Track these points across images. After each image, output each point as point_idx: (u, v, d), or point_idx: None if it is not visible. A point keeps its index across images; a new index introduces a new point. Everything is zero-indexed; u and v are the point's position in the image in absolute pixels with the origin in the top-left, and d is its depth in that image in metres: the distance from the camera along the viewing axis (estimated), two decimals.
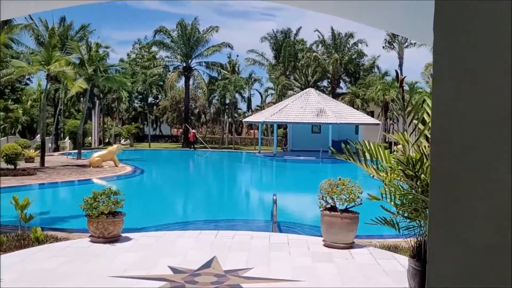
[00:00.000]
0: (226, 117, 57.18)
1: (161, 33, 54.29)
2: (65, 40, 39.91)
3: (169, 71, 57.19)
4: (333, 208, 8.70)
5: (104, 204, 8.60)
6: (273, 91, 56.23)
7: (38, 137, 43.03)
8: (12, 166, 26.05)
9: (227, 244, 8.96)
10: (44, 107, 31.88)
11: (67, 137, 52.18)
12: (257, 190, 24.12)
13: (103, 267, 7.29)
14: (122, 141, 57.97)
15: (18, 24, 35.60)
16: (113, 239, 8.76)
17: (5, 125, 46.48)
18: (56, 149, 47.21)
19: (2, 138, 40.19)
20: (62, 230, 10.74)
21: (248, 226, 12.52)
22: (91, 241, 8.77)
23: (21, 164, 27.97)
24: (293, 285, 6.65)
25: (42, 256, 7.97)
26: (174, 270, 7.21)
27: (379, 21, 5.71)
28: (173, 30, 54.52)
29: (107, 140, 58.11)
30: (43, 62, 29.00)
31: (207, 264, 7.54)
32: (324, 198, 8.82)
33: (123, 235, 9.22)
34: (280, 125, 46.79)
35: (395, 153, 7.09)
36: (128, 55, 61.95)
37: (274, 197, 11.10)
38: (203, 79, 54.91)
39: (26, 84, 57.23)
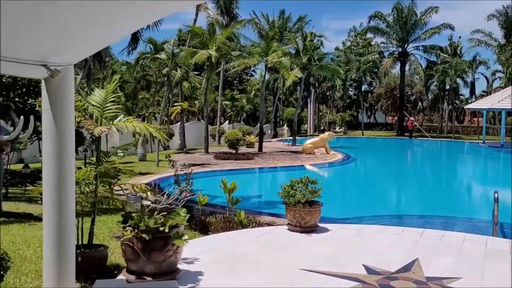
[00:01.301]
0: (445, 104, 53.14)
1: (376, 18, 52.97)
2: (283, 31, 41.78)
3: (384, 57, 55.59)
4: None
5: (301, 193, 8.45)
6: (501, 74, 50.16)
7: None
8: (234, 151, 28.35)
9: (433, 245, 7.99)
10: (263, 96, 33.90)
11: (285, 125, 55.01)
12: (477, 185, 21.66)
13: (296, 258, 7.13)
14: (337, 129, 58.66)
15: (242, 19, 38.53)
16: (310, 229, 8.57)
17: (232, 113, 51.13)
18: (275, 135, 50.15)
19: (228, 125, 44.26)
20: (266, 214, 11.04)
21: (462, 226, 11.11)
22: (288, 229, 8.74)
23: (242, 149, 30.28)
24: None
25: (241, 240, 8.21)
26: (369, 270, 6.63)
27: None
28: (389, 15, 52.68)
29: (322, 128, 59.46)
30: (262, 54, 30.79)
31: (407, 267, 6.77)
32: None
33: (321, 225, 8.97)
34: (510, 113, 41.41)
35: None
36: (343, 43, 62.21)
37: (496, 195, 9.57)
38: (420, 64, 51.99)
39: (251, 75, 62.12)
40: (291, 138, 38.25)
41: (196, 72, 39.42)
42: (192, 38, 31.44)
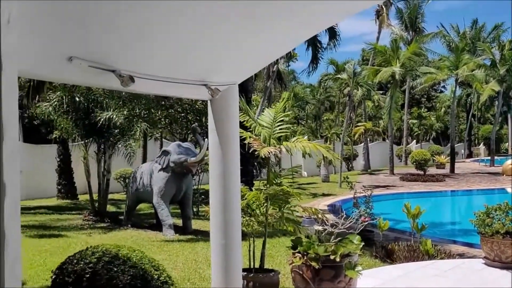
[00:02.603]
0: None
1: None
2: (476, 42, 38.33)
3: None
4: None
5: (499, 222, 7.21)
6: None
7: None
8: (422, 172, 26.56)
9: None
10: (454, 113, 31.37)
11: (481, 143, 50.14)
12: None
13: None
14: None
15: (429, 33, 36.43)
16: None
17: (419, 132, 48.42)
18: (469, 155, 46.02)
19: (416, 145, 41.96)
20: (457, 244, 9.80)
21: None
22: (484, 263, 7.51)
23: (431, 170, 28.25)
24: None
25: (427, 273, 7.28)
26: None
27: None
28: None
29: None
30: (451, 67, 28.57)
31: None
32: None
33: None
34: None
35: None
36: None
37: None
38: None
39: (441, 92, 58.36)
40: (489, 158, 34.54)
41: (381, 92, 38.34)
42: (375, 57, 30.68)
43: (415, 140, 45.84)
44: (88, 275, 3.33)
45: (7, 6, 1.89)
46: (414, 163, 27.12)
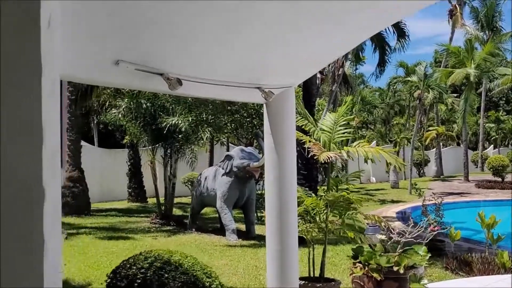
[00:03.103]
0: None
1: None
2: None
3: None
4: None
5: None
6: None
7: None
8: (500, 179, 25.09)
9: None
10: None
11: None
12: None
13: None
14: None
15: (507, 32, 34.43)
16: None
17: (497, 136, 45.82)
18: None
19: (493, 150, 39.77)
20: None
21: None
22: None
23: (510, 177, 26.61)
24: None
25: None
26: None
27: None
28: None
29: None
30: None
31: None
32: None
33: None
34: None
35: None
36: None
37: None
38: None
39: None
40: None
41: (455, 95, 36.68)
42: (448, 58, 29.40)
43: (492, 145, 43.44)
44: (139, 280, 3.32)
45: (48, 8, 1.85)
46: (491, 169, 25.66)
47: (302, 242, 6.96)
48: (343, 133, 5.84)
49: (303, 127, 5.56)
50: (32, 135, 1.79)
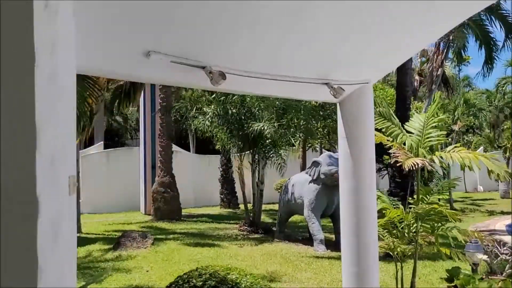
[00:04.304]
0: None
1: None
2: None
3: None
4: None
5: None
6: None
7: None
8: None
9: None
10: None
11: None
12: None
13: None
14: None
15: None
16: None
17: None
18: None
19: None
20: None
21: None
22: None
23: None
24: None
25: None
26: None
27: None
28: None
29: None
30: None
31: None
32: None
33: None
34: None
35: None
36: None
37: None
38: None
39: None
40: None
41: None
42: None
43: None
44: None
45: None
46: None
47: (388, 255, 6.30)
48: (437, 136, 5.15)
49: (383, 130, 4.96)
50: (23, 137, 1.51)
